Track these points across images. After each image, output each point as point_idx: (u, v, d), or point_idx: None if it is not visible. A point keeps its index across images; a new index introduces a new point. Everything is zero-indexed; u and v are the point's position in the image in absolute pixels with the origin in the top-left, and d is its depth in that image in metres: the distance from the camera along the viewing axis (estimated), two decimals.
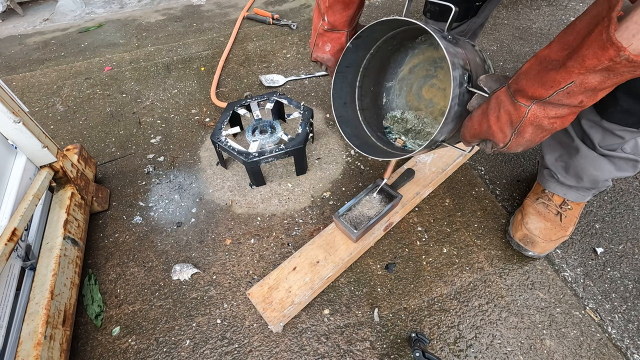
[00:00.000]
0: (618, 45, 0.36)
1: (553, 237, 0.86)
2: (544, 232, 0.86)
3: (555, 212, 0.89)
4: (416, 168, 1.02)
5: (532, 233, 0.86)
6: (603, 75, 0.40)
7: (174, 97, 1.44)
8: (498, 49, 1.53)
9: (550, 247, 0.86)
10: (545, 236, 0.86)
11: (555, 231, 0.87)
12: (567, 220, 0.88)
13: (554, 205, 0.89)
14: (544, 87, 0.45)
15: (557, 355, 0.74)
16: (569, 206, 0.89)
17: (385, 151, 0.82)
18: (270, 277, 0.83)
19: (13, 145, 0.82)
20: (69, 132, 1.32)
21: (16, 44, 1.88)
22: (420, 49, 0.82)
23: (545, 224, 0.88)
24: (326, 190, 1.06)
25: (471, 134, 0.59)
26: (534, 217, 0.88)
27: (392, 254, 0.91)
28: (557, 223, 0.88)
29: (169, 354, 0.78)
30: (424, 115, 0.86)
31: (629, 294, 0.82)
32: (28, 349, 0.65)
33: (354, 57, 0.78)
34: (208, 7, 2.06)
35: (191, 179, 1.13)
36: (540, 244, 0.85)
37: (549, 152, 0.87)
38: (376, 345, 0.77)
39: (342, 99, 0.83)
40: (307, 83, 1.45)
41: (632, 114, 0.66)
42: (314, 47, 0.81)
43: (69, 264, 0.82)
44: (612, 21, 0.36)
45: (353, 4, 0.72)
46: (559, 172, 0.86)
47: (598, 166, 0.77)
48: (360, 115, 0.87)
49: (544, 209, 0.89)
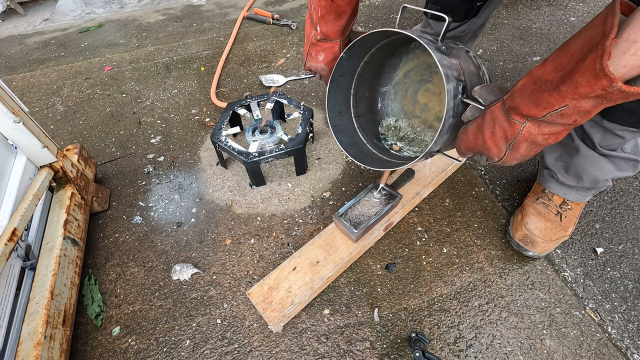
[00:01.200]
0: (611, 77, 0.37)
1: (553, 237, 0.86)
2: (544, 232, 0.86)
3: (556, 212, 0.89)
4: (416, 168, 1.02)
5: (532, 233, 0.86)
6: (596, 101, 0.41)
7: (174, 97, 1.44)
8: (498, 49, 1.53)
9: (550, 247, 0.86)
10: (545, 236, 0.86)
11: (556, 231, 0.87)
12: (567, 220, 0.88)
13: (554, 205, 0.89)
14: (538, 108, 0.46)
15: (557, 355, 0.74)
16: (569, 206, 0.89)
17: (382, 160, 0.82)
18: (270, 277, 0.83)
19: (13, 145, 0.82)
20: (69, 132, 1.32)
21: (16, 44, 1.88)
22: (414, 54, 0.82)
23: (545, 224, 0.88)
24: (326, 190, 1.06)
25: (466, 147, 0.59)
26: (534, 217, 0.88)
27: (392, 254, 0.91)
28: (557, 223, 0.88)
29: (169, 354, 0.78)
30: (417, 124, 0.86)
31: (629, 294, 0.82)
32: (28, 349, 0.65)
33: (347, 65, 0.78)
34: (208, 7, 2.06)
35: (191, 179, 1.13)
36: (541, 244, 0.85)
37: (549, 152, 0.87)
38: (376, 345, 0.77)
39: (337, 108, 0.83)
40: (307, 83, 1.45)
41: (633, 113, 0.66)
42: (307, 56, 0.81)
43: (69, 264, 0.82)
44: (605, 51, 0.36)
45: (345, 14, 0.71)
46: (559, 172, 0.86)
47: (598, 166, 0.77)
48: (355, 122, 0.87)
49: (544, 209, 0.89)
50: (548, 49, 1.51)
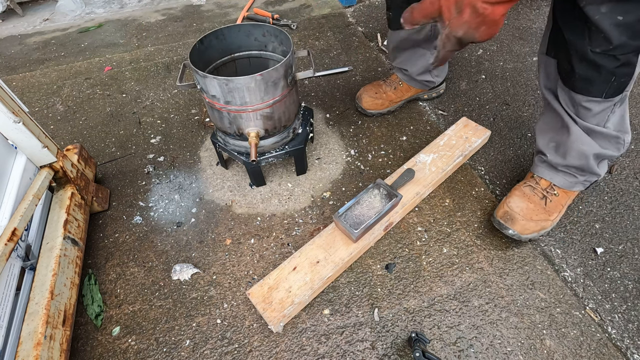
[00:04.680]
0: None
1: (534, 217, 0.87)
2: (525, 211, 0.87)
3: (541, 195, 0.90)
4: (416, 168, 1.02)
5: (513, 210, 0.87)
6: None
7: (174, 97, 1.44)
8: (498, 49, 1.53)
9: (530, 227, 0.86)
10: (525, 214, 0.86)
11: (538, 212, 0.87)
12: (552, 205, 0.89)
13: (540, 188, 0.90)
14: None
15: (557, 355, 0.74)
16: (555, 192, 0.90)
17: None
18: (270, 277, 0.83)
19: (13, 145, 0.82)
20: (69, 132, 1.32)
21: (16, 44, 1.88)
22: None
23: (527, 205, 0.89)
24: (326, 190, 1.06)
25: (422, 14, 0.61)
26: (518, 197, 0.90)
27: (392, 254, 0.91)
28: (541, 206, 0.88)
29: (169, 354, 0.78)
30: None
31: (629, 294, 0.82)
32: (28, 349, 0.65)
33: None
34: (208, 7, 2.06)
35: (191, 179, 1.13)
36: (520, 221, 0.86)
37: (541, 134, 0.89)
38: (376, 345, 0.77)
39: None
40: (307, 83, 1.45)
41: (589, 81, 0.70)
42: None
43: (69, 264, 0.82)
44: None
45: None
46: (549, 152, 0.88)
47: (582, 141, 0.80)
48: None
49: (530, 191, 0.91)
50: None
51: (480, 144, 1.11)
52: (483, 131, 1.11)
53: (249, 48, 1.01)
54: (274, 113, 0.89)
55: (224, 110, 0.87)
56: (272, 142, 0.97)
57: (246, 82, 0.79)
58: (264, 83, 0.81)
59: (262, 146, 0.96)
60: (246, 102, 0.84)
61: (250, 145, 0.88)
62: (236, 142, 0.96)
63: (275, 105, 0.88)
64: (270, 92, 0.84)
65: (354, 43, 1.65)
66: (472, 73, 1.43)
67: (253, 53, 1.02)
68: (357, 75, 1.46)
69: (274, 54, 1.00)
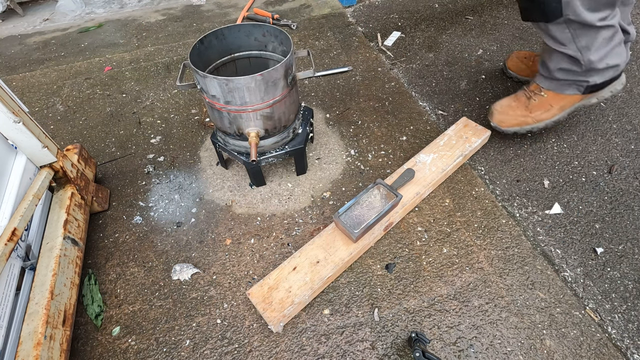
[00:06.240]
0: None
1: (510, 112, 1.04)
2: (504, 107, 1.06)
3: (528, 96, 1.05)
4: (416, 168, 1.02)
5: (494, 107, 1.07)
6: None
7: (174, 97, 1.44)
8: (498, 49, 1.53)
9: (506, 120, 1.04)
10: (502, 109, 1.06)
11: (516, 108, 1.04)
12: (536, 104, 1.03)
13: (529, 90, 1.06)
14: None
15: (557, 355, 0.74)
16: (542, 92, 1.03)
17: None
18: (270, 277, 0.83)
19: (13, 145, 0.82)
20: (69, 132, 1.32)
21: (16, 44, 1.88)
22: None
23: (510, 102, 1.07)
24: (326, 190, 1.06)
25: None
26: (507, 98, 1.08)
27: (392, 254, 0.91)
28: (524, 104, 1.04)
29: (169, 354, 0.78)
30: None
31: (629, 294, 0.82)
32: (28, 349, 0.65)
33: None
34: (208, 7, 2.06)
35: (191, 179, 1.13)
36: (497, 115, 1.06)
37: (547, 58, 1.02)
38: (376, 345, 0.77)
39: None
40: (307, 83, 1.45)
41: (528, 10, 0.90)
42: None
43: (69, 264, 0.82)
44: None
45: None
46: (540, 68, 1.04)
47: (553, 59, 0.98)
48: None
49: (522, 94, 1.07)
50: None
51: (480, 144, 1.11)
52: (483, 131, 1.11)
53: (249, 48, 1.01)
54: (274, 113, 0.89)
55: (224, 110, 0.87)
56: (272, 142, 0.97)
57: (246, 82, 0.79)
58: (264, 83, 0.81)
59: (262, 146, 0.96)
60: (246, 102, 0.84)
61: (250, 145, 0.88)
62: (236, 142, 0.96)
63: (275, 105, 0.88)
64: (270, 92, 0.84)
65: (354, 43, 1.65)
66: (472, 73, 1.43)
67: (253, 53, 1.02)
68: (357, 75, 1.46)
69: (274, 54, 1.00)
